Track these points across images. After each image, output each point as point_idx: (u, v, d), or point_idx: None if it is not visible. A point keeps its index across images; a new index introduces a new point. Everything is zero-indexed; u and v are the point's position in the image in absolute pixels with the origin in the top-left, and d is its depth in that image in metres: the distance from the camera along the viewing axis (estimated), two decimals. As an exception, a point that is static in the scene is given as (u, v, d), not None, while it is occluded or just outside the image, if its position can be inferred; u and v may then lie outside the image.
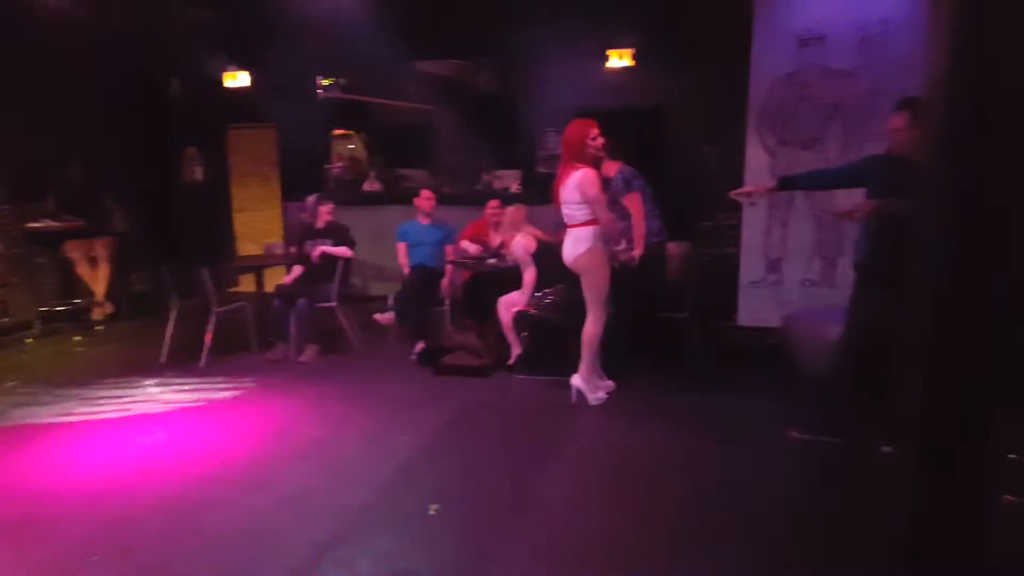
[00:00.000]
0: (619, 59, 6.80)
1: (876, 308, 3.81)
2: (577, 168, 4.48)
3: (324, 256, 6.16)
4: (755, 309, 5.84)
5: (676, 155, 6.38)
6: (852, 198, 4.22)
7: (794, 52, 5.52)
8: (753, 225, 5.76)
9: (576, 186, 4.48)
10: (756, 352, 5.64)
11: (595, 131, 4.53)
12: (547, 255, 5.48)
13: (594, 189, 4.45)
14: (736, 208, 5.64)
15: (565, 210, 4.60)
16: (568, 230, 4.64)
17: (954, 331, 2.11)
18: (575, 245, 4.58)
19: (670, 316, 5.38)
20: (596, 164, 4.58)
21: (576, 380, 4.73)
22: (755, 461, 3.91)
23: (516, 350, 5.56)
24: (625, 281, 5.02)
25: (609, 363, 4.93)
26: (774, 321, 5.53)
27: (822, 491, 3.53)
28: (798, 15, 5.48)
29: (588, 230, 4.53)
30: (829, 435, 4.04)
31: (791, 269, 5.77)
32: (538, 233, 5.66)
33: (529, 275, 5.47)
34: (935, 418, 2.19)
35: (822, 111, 5.53)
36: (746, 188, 4.26)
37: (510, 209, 5.85)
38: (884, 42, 5.30)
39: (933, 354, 2.18)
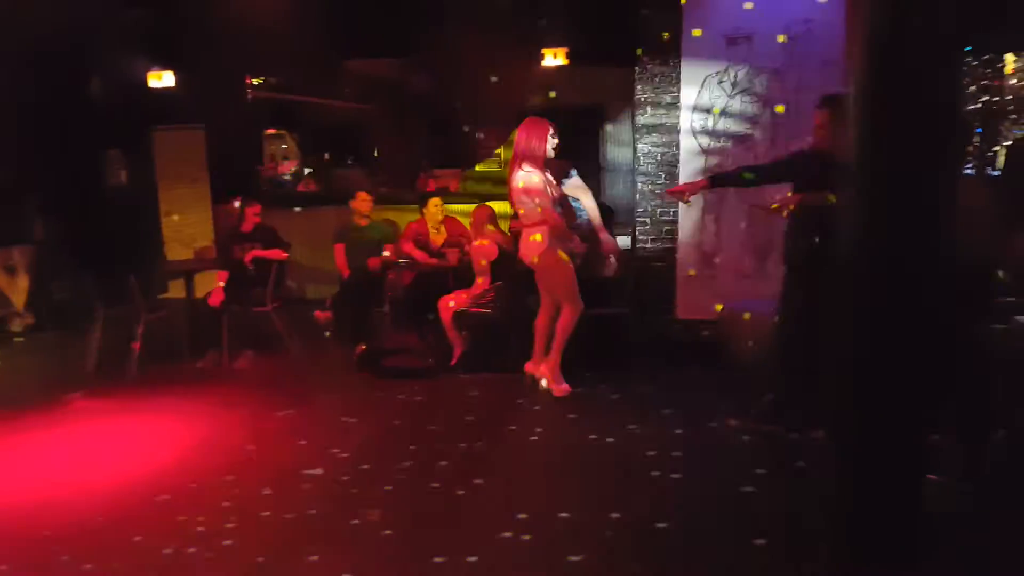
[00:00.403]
0: (554, 58, 6.83)
1: (806, 297, 3.94)
2: (523, 168, 4.51)
3: (256, 260, 6.01)
4: (693, 302, 5.95)
5: (612, 152, 6.46)
6: (782, 193, 4.35)
7: (723, 51, 5.65)
8: (688, 220, 5.87)
9: (521, 183, 4.50)
10: (695, 344, 5.75)
11: (550, 130, 4.55)
12: (507, 261, 5.48)
13: (538, 189, 4.47)
14: (672, 204, 5.73)
15: (518, 208, 4.64)
16: (523, 229, 4.68)
17: (879, 318, 2.19)
18: (530, 248, 4.64)
19: (610, 312, 5.45)
20: (546, 164, 4.60)
21: (543, 368, 4.83)
22: (695, 450, 3.98)
23: (458, 349, 5.53)
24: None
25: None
26: (711, 314, 5.65)
27: (758, 478, 3.61)
28: (726, 15, 5.60)
29: (539, 230, 4.57)
30: (765, 423, 4.15)
31: (726, 262, 5.90)
32: (500, 238, 5.63)
33: (479, 284, 5.45)
34: (864, 403, 2.26)
35: (750, 108, 5.67)
36: (679, 187, 4.36)
37: (476, 209, 5.78)
38: (808, 41, 5.47)
39: (860, 341, 2.25)
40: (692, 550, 3.00)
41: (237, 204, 6.29)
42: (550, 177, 4.65)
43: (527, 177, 4.48)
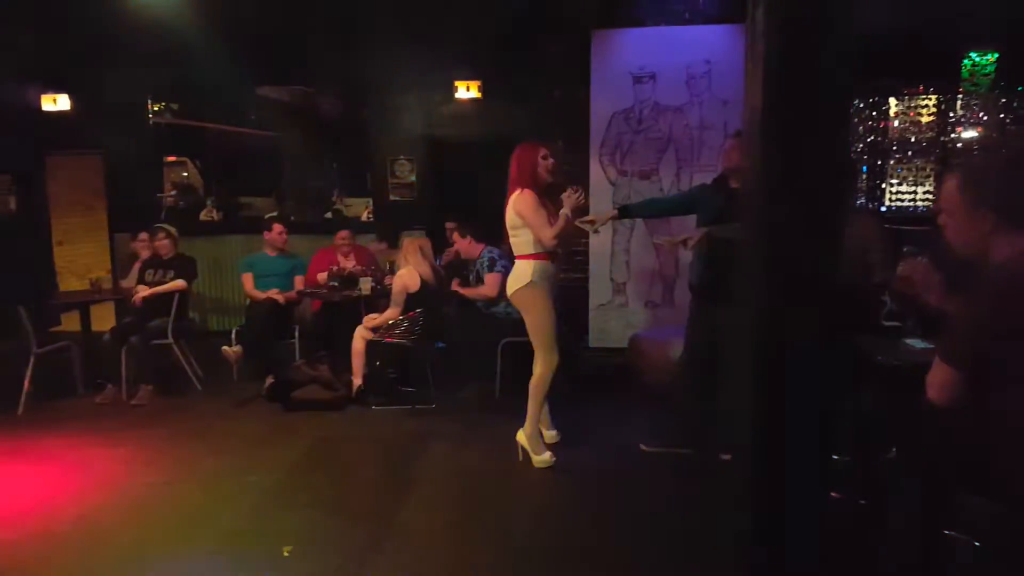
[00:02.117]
0: (467, 91, 6.94)
1: (711, 325, 4.09)
2: (520, 189, 4.10)
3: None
4: (604, 331, 6.09)
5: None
6: (686, 226, 4.52)
7: (630, 88, 5.86)
8: (599, 251, 6.01)
9: (512, 207, 4.09)
10: (606, 372, 5.86)
11: (545, 152, 4.19)
12: (430, 293, 5.41)
13: (529, 209, 4.03)
14: (583, 235, 5.87)
15: (511, 238, 4.20)
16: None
17: (781, 343, 2.29)
18: (513, 280, 4.17)
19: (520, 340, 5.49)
20: (544, 188, 4.18)
21: (519, 435, 4.28)
22: (607, 475, 4.05)
23: (357, 381, 5.42)
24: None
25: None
26: (622, 342, 5.78)
27: (670, 500, 3.71)
28: (632, 54, 5.83)
29: (526, 264, 4.10)
30: (676, 446, 4.27)
31: (635, 292, 6.06)
32: (427, 271, 5.46)
33: (391, 313, 5.35)
34: (766, 425, 2.36)
35: (656, 144, 5.90)
36: (589, 217, 4.44)
37: (407, 239, 5.57)
38: (709, 80, 5.75)
39: (763, 365, 2.35)
40: (600, 569, 3.04)
41: (145, 235, 6.01)
42: (550, 206, 4.17)
43: (519, 199, 4.07)
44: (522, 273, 4.10)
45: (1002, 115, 7.03)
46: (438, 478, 4.10)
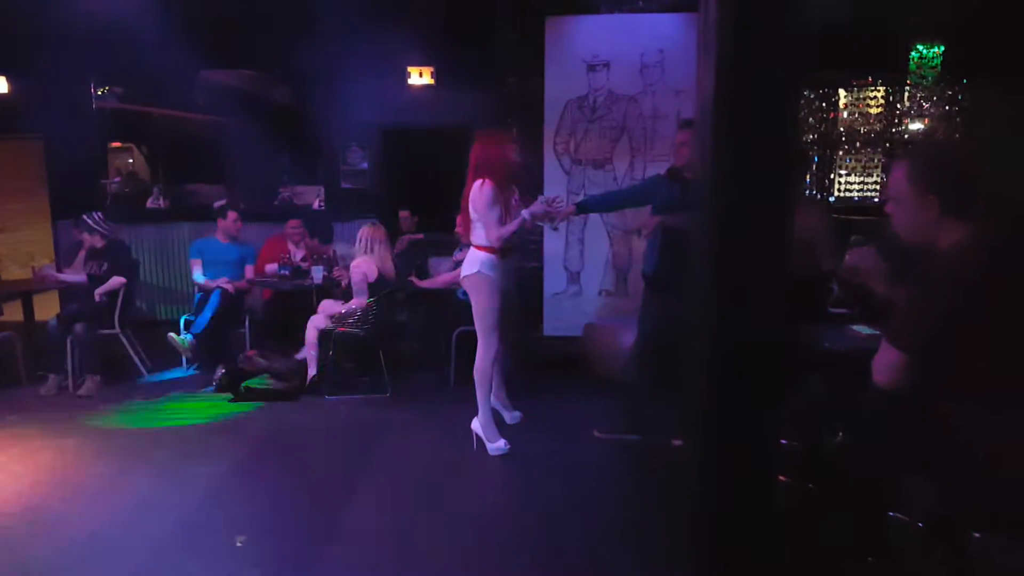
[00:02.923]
0: (419, 76, 6.87)
1: (664, 313, 4.13)
2: (480, 180, 4.07)
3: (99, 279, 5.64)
4: (558, 319, 6.11)
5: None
6: (640, 215, 4.54)
7: (584, 76, 5.87)
8: (553, 240, 6.02)
9: (471, 198, 4.08)
10: (560, 360, 5.88)
11: (508, 143, 4.20)
12: (385, 286, 5.37)
13: (484, 204, 4.02)
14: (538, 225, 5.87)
15: (471, 227, 4.19)
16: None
17: (731, 330, 2.32)
18: (466, 265, 4.19)
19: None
20: (507, 182, 4.14)
21: (474, 424, 4.29)
22: (561, 462, 4.07)
23: (312, 371, 5.38)
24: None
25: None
26: (576, 330, 5.81)
27: (622, 487, 3.75)
28: (585, 42, 5.83)
29: (477, 253, 4.13)
30: (628, 433, 4.31)
31: (589, 281, 6.09)
32: (386, 261, 5.41)
33: (357, 302, 5.30)
34: (717, 411, 2.39)
35: (610, 133, 5.91)
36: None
37: (365, 228, 5.45)
38: (662, 69, 5.78)
39: (715, 353, 2.38)
40: (554, 556, 3.06)
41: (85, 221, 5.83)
42: (507, 197, 4.13)
43: (478, 191, 4.04)
44: (473, 261, 4.15)
45: (948, 107, 7.22)
46: (392, 468, 4.07)
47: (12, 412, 5.01)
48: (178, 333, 5.78)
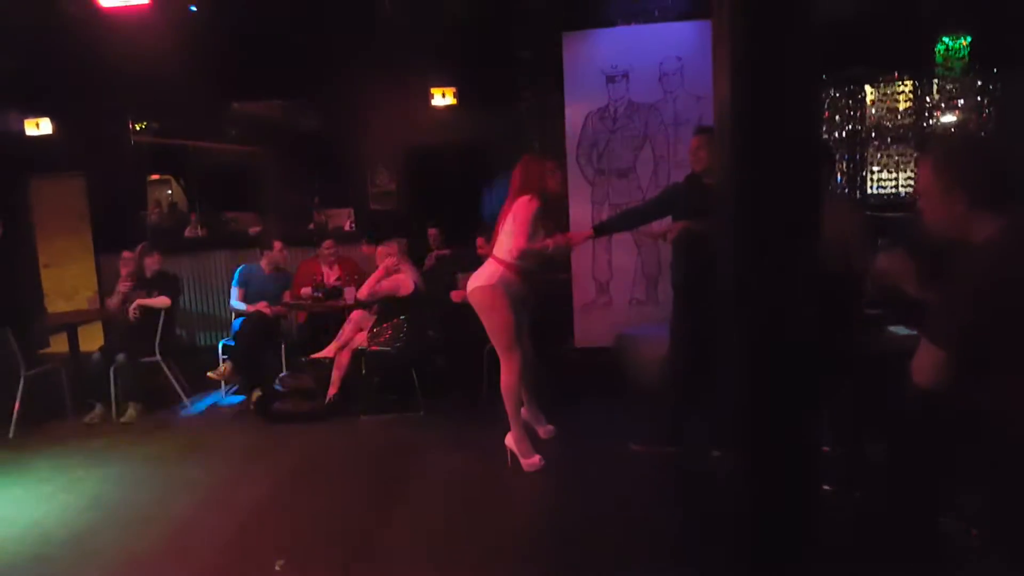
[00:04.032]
0: (442, 97, 6.97)
1: (695, 320, 4.09)
2: (524, 197, 4.09)
3: (142, 308, 5.79)
4: (589, 330, 6.10)
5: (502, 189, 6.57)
6: (666, 221, 4.52)
7: (603, 88, 5.89)
8: (581, 251, 6.03)
9: (513, 209, 4.09)
10: (593, 371, 5.86)
11: (552, 166, 4.23)
12: (416, 303, 5.40)
13: (524, 216, 4.01)
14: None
15: (500, 237, 4.20)
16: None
17: (763, 336, 2.30)
18: (476, 277, 4.18)
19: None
20: (549, 200, 4.20)
21: (508, 440, 4.24)
22: (597, 476, 4.05)
23: (332, 390, 5.42)
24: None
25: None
26: (607, 341, 5.79)
27: (662, 498, 3.72)
28: (604, 53, 5.86)
29: (493, 265, 4.12)
30: (665, 445, 4.27)
31: (619, 290, 6.09)
32: (418, 277, 5.47)
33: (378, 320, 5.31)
34: (756, 420, 2.36)
35: (632, 142, 5.92)
36: (564, 236, 4.37)
37: (382, 248, 5.51)
38: (681, 76, 5.78)
39: (748, 360, 2.36)
40: (591, 570, 3.06)
41: (136, 251, 6.00)
42: (537, 209, 4.12)
43: (524, 203, 4.05)
44: (485, 273, 4.13)
45: (979, 97, 7.08)
46: (427, 486, 4.10)
47: (59, 441, 5.16)
48: (217, 361, 5.88)
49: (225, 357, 5.94)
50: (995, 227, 2.06)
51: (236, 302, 6.10)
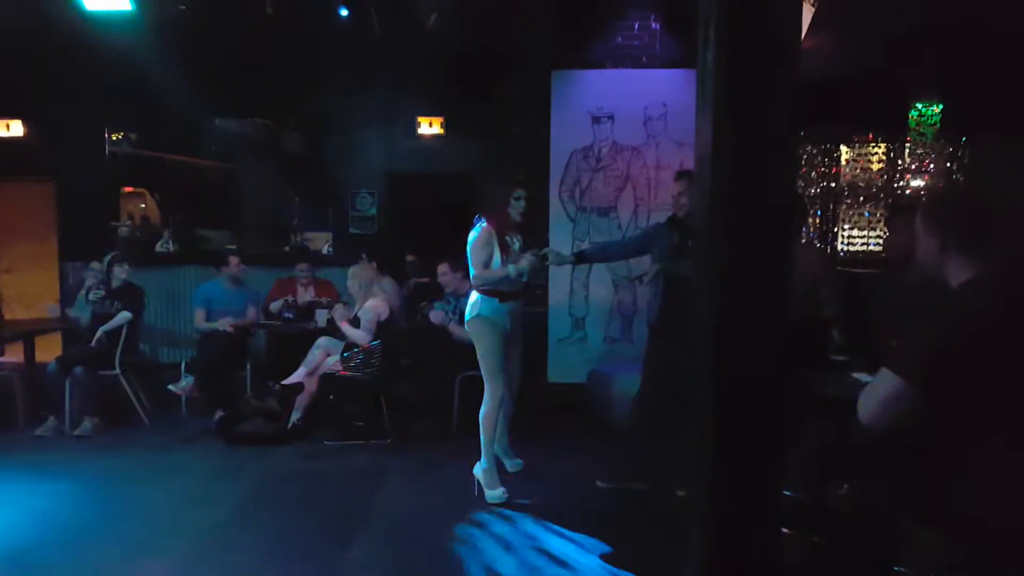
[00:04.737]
0: (429, 126, 7.01)
1: (667, 360, 4.11)
2: (479, 223, 4.18)
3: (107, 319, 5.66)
4: (564, 365, 6.10)
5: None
6: (644, 261, 4.57)
7: (589, 127, 5.98)
8: (559, 286, 6.06)
9: (469, 242, 4.16)
10: (564, 407, 5.84)
11: (519, 192, 4.21)
12: (390, 329, 5.38)
13: (476, 243, 4.08)
14: (544, 269, 5.90)
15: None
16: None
17: (732, 378, 2.31)
18: (468, 309, 4.22)
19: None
20: (509, 227, 4.21)
21: (476, 469, 4.25)
22: (563, 511, 3.99)
23: (295, 417, 5.34)
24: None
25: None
26: (581, 377, 5.78)
27: (625, 537, 3.67)
28: (591, 94, 5.96)
29: (476, 297, 4.18)
30: (632, 482, 4.25)
31: (594, 327, 6.11)
32: (393, 301, 5.47)
33: (361, 336, 5.24)
34: (718, 461, 2.36)
35: (614, 182, 6.00)
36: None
37: (355, 268, 5.48)
38: (665, 122, 5.90)
39: (715, 402, 2.37)
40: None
41: (105, 262, 5.89)
42: (510, 242, 4.18)
43: (474, 232, 4.13)
44: (473, 304, 4.20)
45: (948, 163, 7.29)
46: (390, 515, 4.01)
47: (7, 453, 4.97)
48: (177, 382, 5.74)
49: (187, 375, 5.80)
50: (973, 274, 2.11)
51: (200, 324, 5.98)
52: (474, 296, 4.20)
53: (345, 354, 5.31)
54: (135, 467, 4.76)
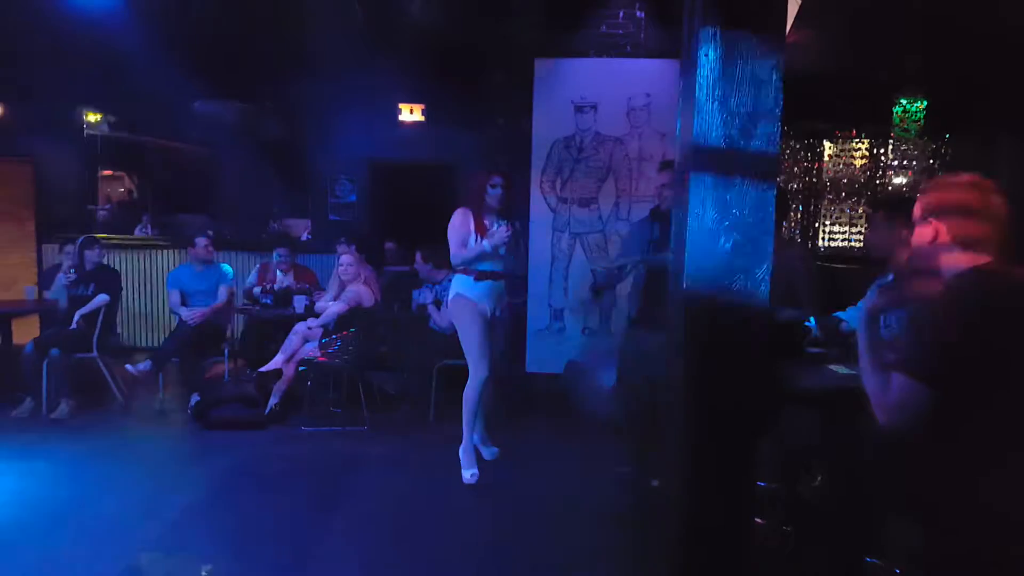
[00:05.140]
0: (410, 113, 6.97)
1: (645, 351, 4.11)
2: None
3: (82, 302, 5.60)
4: (541, 356, 6.10)
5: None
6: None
7: (571, 117, 5.96)
8: (538, 276, 6.04)
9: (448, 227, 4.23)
10: (541, 397, 5.85)
11: (495, 181, 4.22)
12: (369, 316, 5.36)
13: (451, 225, 4.19)
14: (521, 245, 5.88)
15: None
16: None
17: (710, 369, 2.32)
18: (451, 289, 4.33)
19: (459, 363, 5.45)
20: (487, 213, 4.24)
21: (460, 450, 4.31)
22: (539, 500, 4.00)
23: (272, 402, 5.31)
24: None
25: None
26: (558, 368, 5.79)
27: (606, 527, 3.68)
28: (574, 83, 5.93)
29: (457, 276, 4.26)
30: (616, 471, 4.24)
31: (573, 318, 6.11)
32: (374, 285, 5.47)
33: (336, 307, 5.24)
34: (691, 451, 2.37)
35: (596, 173, 5.99)
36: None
37: (345, 257, 5.50)
38: (648, 113, 5.88)
39: (689, 392, 2.37)
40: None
41: (76, 245, 5.82)
42: (489, 225, 4.22)
43: (455, 215, 4.22)
44: (454, 284, 4.28)
45: (931, 160, 7.33)
46: (365, 503, 3.99)
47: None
48: (138, 363, 5.68)
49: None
50: (969, 262, 2.07)
51: (177, 306, 5.94)
52: (455, 276, 4.28)
53: (323, 340, 5.28)
54: (110, 450, 4.72)
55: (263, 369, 5.41)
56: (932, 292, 2.11)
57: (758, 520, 3.28)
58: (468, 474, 4.20)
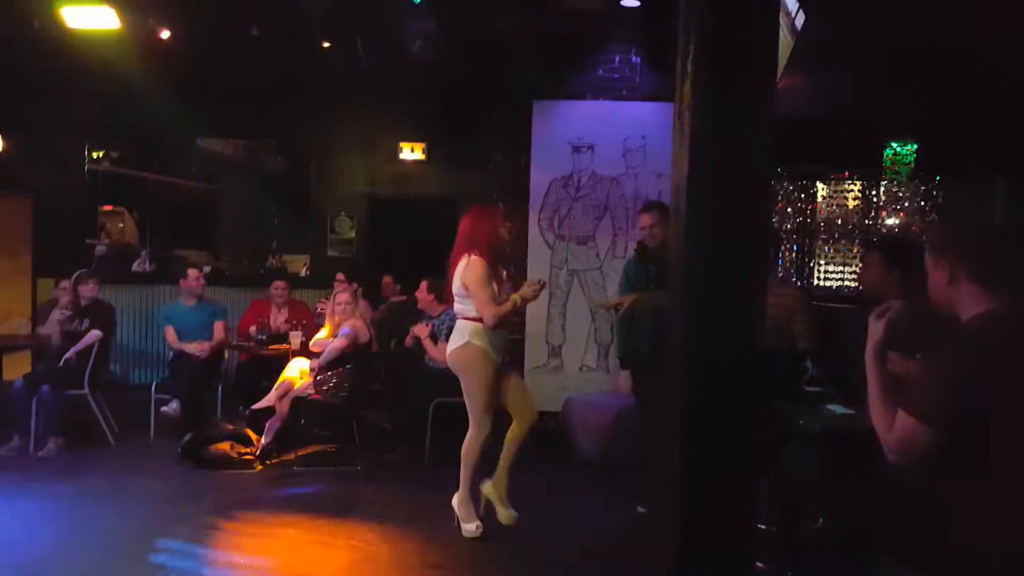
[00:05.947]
0: (411, 152, 7.04)
1: (638, 390, 4.11)
2: (469, 254, 3.92)
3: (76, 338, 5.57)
4: (539, 393, 6.06)
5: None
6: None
7: (569, 157, 6.03)
8: (536, 314, 6.05)
9: (460, 274, 3.90)
10: (539, 435, 5.78)
11: (502, 218, 4.13)
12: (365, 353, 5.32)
13: (477, 281, 3.81)
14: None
15: (455, 303, 4.02)
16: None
17: (706, 408, 2.30)
18: (453, 339, 3.97)
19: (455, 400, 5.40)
20: (497, 255, 4.03)
21: (454, 501, 4.04)
22: (538, 543, 3.94)
23: (264, 440, 5.22)
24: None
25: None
26: (556, 405, 5.75)
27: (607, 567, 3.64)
28: (572, 124, 6.02)
29: (467, 324, 3.90)
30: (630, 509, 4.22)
31: (571, 355, 6.10)
32: (366, 321, 5.44)
33: (337, 343, 5.20)
34: (693, 489, 2.34)
35: (593, 211, 6.05)
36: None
37: (340, 292, 5.46)
38: (644, 153, 5.96)
39: (689, 430, 2.35)
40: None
41: (71, 280, 5.81)
42: (499, 272, 4.03)
43: (469, 266, 3.87)
44: (462, 332, 3.93)
45: (922, 202, 7.41)
46: (358, 545, 3.92)
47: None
48: (149, 399, 5.64)
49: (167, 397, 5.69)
50: (987, 307, 1.99)
51: (176, 343, 5.91)
52: (461, 323, 3.98)
53: (318, 377, 5.25)
54: (97, 490, 4.63)
55: (256, 406, 5.36)
56: (943, 334, 2.08)
57: (759, 564, 3.24)
58: (470, 528, 3.96)
